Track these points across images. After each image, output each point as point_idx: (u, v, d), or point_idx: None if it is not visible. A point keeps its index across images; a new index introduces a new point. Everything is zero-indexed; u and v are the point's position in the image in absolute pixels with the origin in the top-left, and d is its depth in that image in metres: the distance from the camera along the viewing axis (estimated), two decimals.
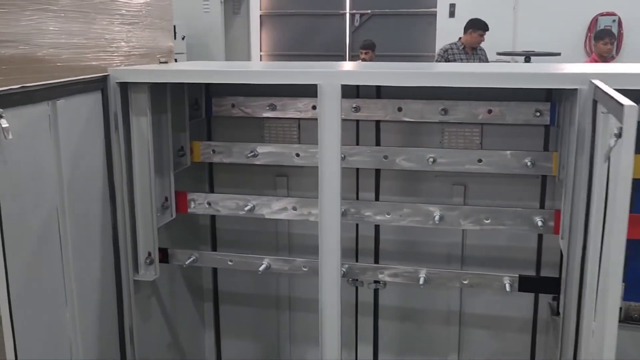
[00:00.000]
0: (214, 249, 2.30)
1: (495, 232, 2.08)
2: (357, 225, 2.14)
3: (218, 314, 2.42)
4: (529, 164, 1.77)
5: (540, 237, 2.05)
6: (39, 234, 1.46)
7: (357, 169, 2.08)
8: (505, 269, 1.91)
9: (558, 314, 2.05)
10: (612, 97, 1.15)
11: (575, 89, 1.46)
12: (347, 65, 2.73)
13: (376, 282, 2.21)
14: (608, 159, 1.19)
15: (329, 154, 1.59)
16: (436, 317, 2.22)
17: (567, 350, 1.54)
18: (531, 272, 1.80)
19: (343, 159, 1.79)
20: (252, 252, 2.03)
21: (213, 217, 2.33)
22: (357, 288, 2.25)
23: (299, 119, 2.12)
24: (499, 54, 6.34)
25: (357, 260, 2.13)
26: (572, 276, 1.49)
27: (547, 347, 2.13)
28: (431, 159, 1.85)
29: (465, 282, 1.72)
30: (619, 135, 1.06)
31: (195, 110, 2.07)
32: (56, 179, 1.49)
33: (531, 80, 1.56)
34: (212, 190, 2.25)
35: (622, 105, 1.05)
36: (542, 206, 2.00)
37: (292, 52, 8.26)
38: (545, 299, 2.10)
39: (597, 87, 1.34)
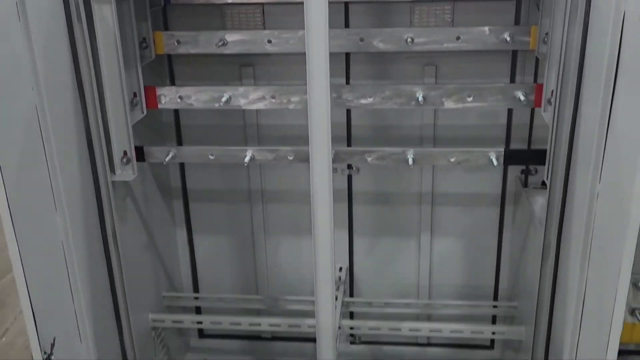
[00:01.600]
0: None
1: (466, 111, 2.11)
2: None
3: (188, 211, 2.38)
4: (507, 39, 1.77)
5: (510, 113, 2.10)
6: (24, 136, 1.36)
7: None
8: (478, 147, 1.94)
9: (527, 185, 2.16)
10: None
11: None
12: None
13: (349, 167, 2.23)
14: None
15: (317, 38, 1.52)
16: (408, 199, 2.27)
17: (553, 219, 1.61)
18: (502, 148, 1.85)
19: None
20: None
21: (177, 114, 2.24)
22: None
23: (262, 3, 2.02)
24: None
25: None
26: (560, 147, 1.54)
27: (515, 218, 2.24)
28: (409, 39, 1.81)
29: (452, 159, 1.75)
30: None
31: None
32: (32, 75, 1.37)
33: None
34: (173, 85, 2.15)
35: None
36: (512, 81, 2.04)
37: None
38: (513, 173, 2.19)
39: None
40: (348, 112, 2.17)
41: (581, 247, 1.42)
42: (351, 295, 2.44)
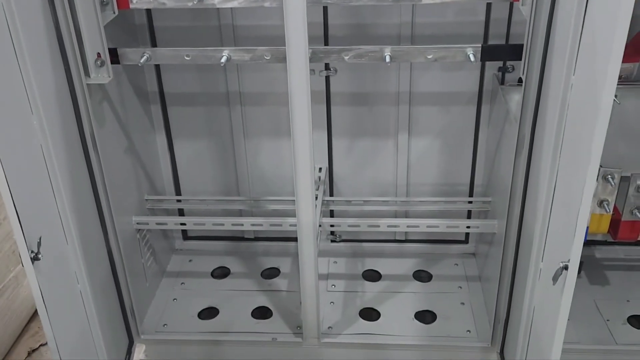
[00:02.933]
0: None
1: (444, 7, 2.09)
2: None
3: (167, 115, 2.37)
4: None
5: (488, 8, 2.08)
6: None
7: None
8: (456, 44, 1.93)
9: (503, 83, 2.18)
10: None
11: None
12: None
13: (327, 68, 2.22)
14: None
15: None
16: (386, 99, 2.28)
17: (527, 114, 1.64)
18: (479, 44, 1.84)
19: None
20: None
21: (150, 15, 2.18)
22: None
23: None
24: None
25: None
26: (537, 40, 1.55)
27: (491, 117, 2.27)
28: None
29: (429, 57, 1.74)
30: None
31: None
32: None
33: None
34: None
35: None
36: None
37: None
38: (490, 71, 2.20)
39: None
40: (325, 10, 2.13)
41: (553, 140, 1.46)
42: (331, 194, 2.49)
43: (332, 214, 2.49)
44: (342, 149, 2.40)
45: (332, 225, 2.26)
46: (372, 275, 2.48)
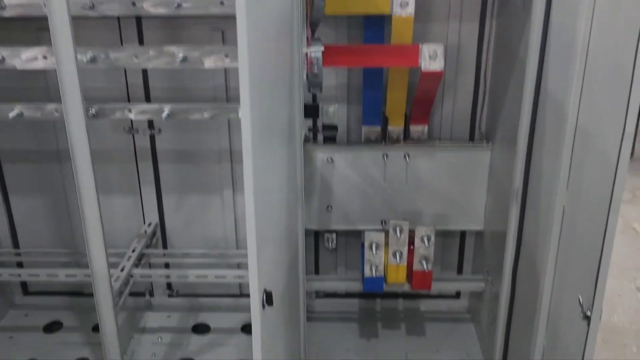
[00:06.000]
0: None
1: None
2: None
3: (2, 172, 2.45)
4: None
5: None
6: None
7: None
8: None
9: None
10: None
11: None
12: None
13: (151, 128, 2.35)
14: None
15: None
16: (211, 157, 2.40)
17: None
18: None
19: None
20: None
21: None
22: (133, 136, 2.37)
23: None
24: None
25: None
26: None
27: None
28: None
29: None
30: None
31: None
32: None
33: None
34: None
35: None
36: None
37: None
38: None
39: None
40: (145, 73, 2.28)
41: None
42: (165, 247, 2.57)
43: (167, 265, 2.55)
44: (172, 204, 2.50)
45: (149, 277, 2.33)
46: (202, 329, 2.54)
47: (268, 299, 1.28)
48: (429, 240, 2.16)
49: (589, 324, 1.37)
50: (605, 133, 1.34)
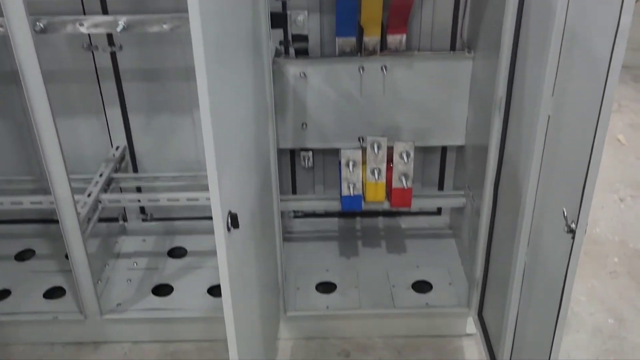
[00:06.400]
0: None
1: None
2: None
3: None
4: None
5: None
6: None
7: None
8: None
9: None
10: None
11: None
12: None
13: (111, 45, 2.19)
14: None
15: None
16: (179, 74, 2.27)
17: None
18: None
19: None
20: None
21: None
22: (93, 54, 2.22)
23: None
24: None
25: None
26: None
27: None
28: None
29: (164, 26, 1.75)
30: None
31: None
32: None
33: None
34: None
35: None
36: None
37: None
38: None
39: None
40: None
41: None
42: (135, 171, 2.47)
43: (139, 189, 2.46)
44: (140, 126, 2.38)
45: (119, 201, 2.24)
46: (178, 252, 2.48)
47: (233, 221, 1.20)
48: (408, 156, 2.08)
49: (573, 237, 1.31)
50: (595, 34, 1.22)
